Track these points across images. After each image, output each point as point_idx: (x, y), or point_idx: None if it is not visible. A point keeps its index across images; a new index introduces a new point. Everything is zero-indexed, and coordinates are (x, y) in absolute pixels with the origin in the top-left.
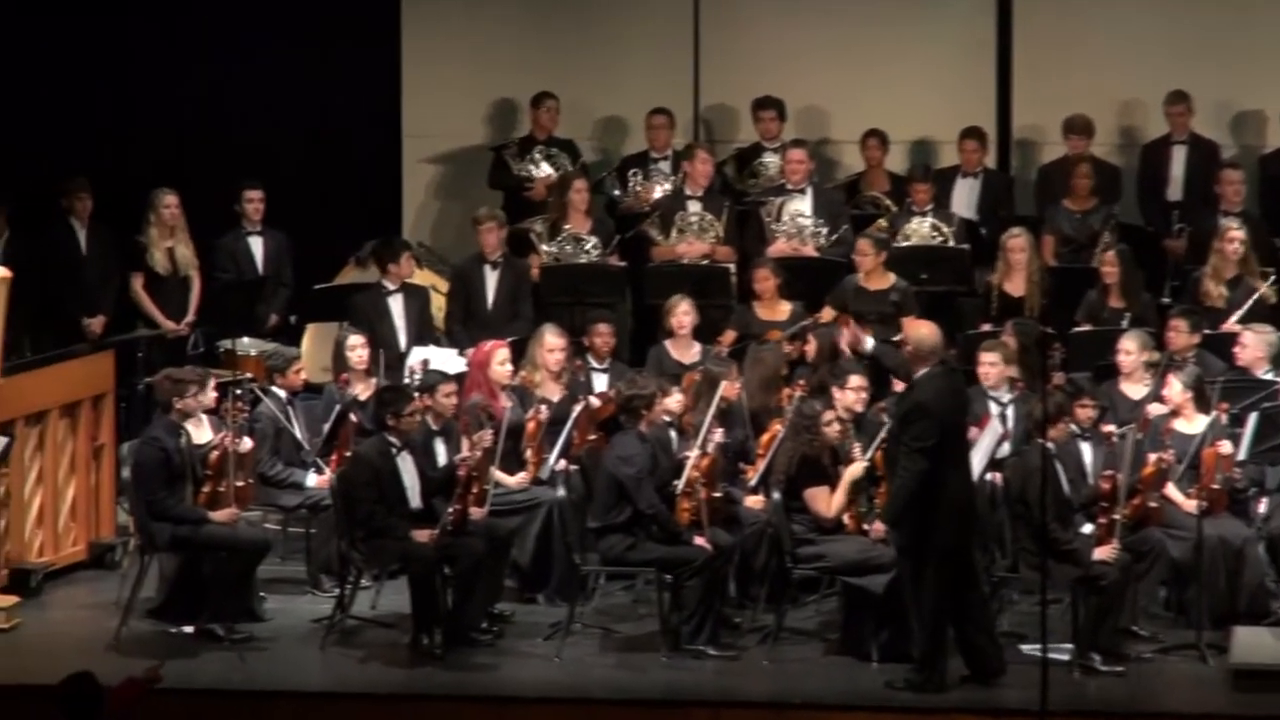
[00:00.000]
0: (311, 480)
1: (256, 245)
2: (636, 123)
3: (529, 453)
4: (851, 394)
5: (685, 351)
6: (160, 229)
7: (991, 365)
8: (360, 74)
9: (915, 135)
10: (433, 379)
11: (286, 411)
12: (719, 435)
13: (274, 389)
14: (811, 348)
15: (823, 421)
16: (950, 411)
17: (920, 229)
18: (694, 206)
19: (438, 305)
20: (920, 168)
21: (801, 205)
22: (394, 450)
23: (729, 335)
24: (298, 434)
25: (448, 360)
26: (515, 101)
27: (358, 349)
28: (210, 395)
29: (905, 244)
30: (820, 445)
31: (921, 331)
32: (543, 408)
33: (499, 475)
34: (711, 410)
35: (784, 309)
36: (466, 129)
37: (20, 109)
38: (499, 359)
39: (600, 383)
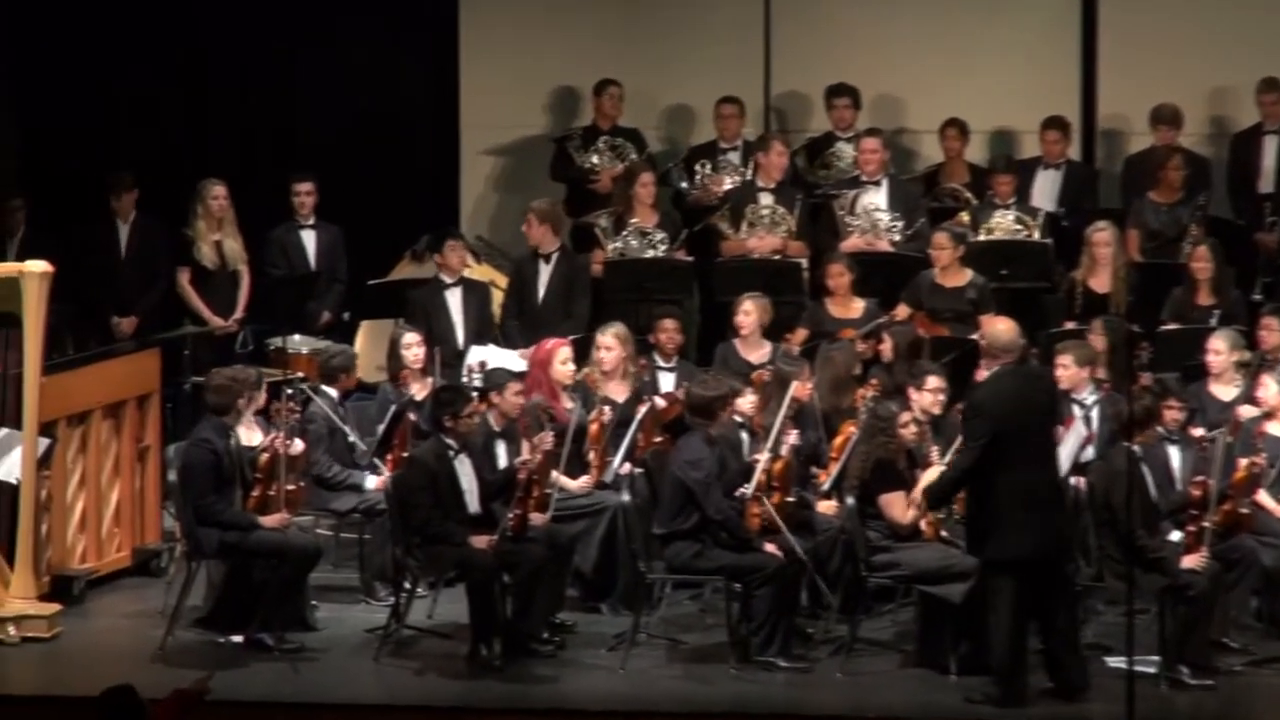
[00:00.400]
0: (371, 482)
1: (309, 239)
2: (704, 112)
3: (592, 456)
4: (929, 395)
5: (754, 350)
6: (208, 221)
7: (1065, 367)
8: (417, 61)
9: (995, 125)
10: (500, 377)
11: (339, 412)
12: (793, 437)
13: (325, 389)
14: (887, 346)
15: (899, 423)
16: (1016, 412)
17: (1004, 222)
18: (766, 199)
19: (499, 302)
20: (1002, 159)
21: (876, 198)
22: (451, 453)
23: (800, 333)
24: (351, 434)
25: (507, 360)
26: (577, 90)
27: (413, 347)
28: (261, 396)
29: (985, 238)
30: (896, 448)
31: (997, 328)
32: (606, 409)
33: (561, 479)
34: (783, 411)
35: (857, 306)
36: (527, 119)
37: (67, 99)
38: (560, 358)
39: (667, 382)
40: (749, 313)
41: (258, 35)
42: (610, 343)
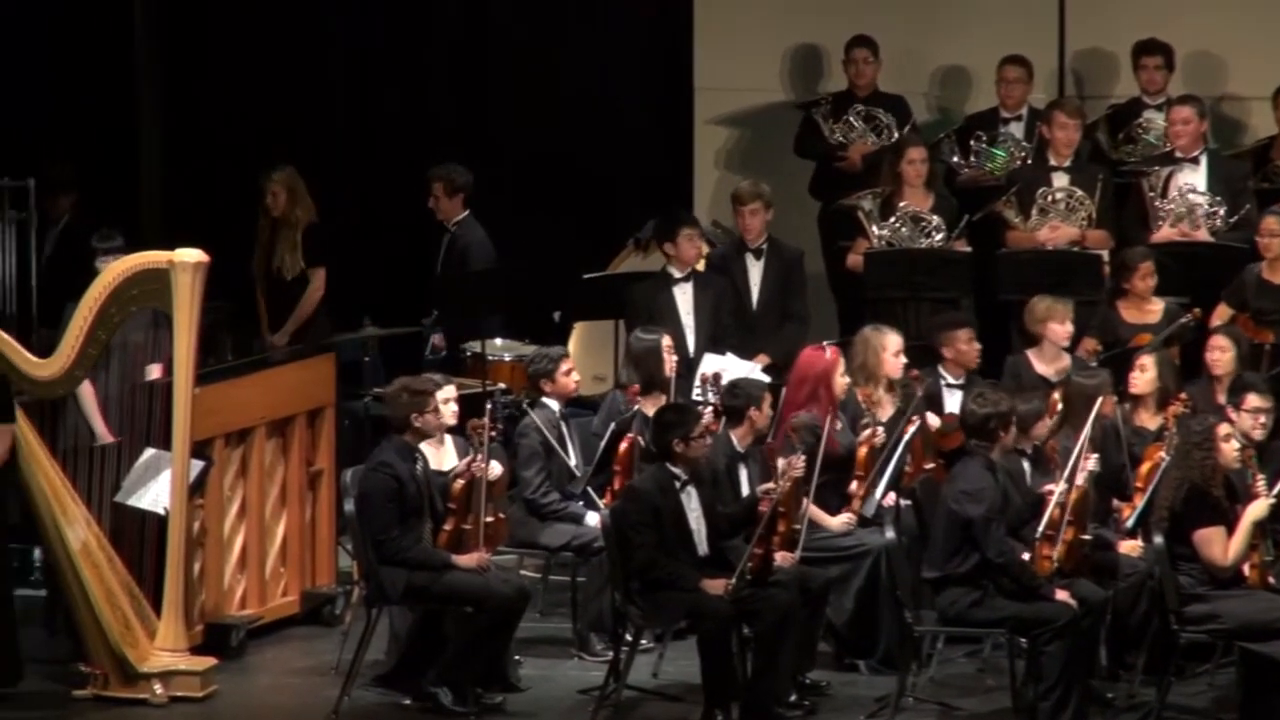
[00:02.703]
0: (593, 519)
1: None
2: (984, 74)
3: (855, 485)
4: (1249, 417)
5: (1053, 363)
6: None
7: None
8: (637, 16)
9: None
10: (755, 388)
11: (560, 427)
12: (1092, 463)
13: (546, 400)
14: (1223, 356)
15: (1218, 436)
16: None
17: None
18: (1060, 180)
19: None
20: None
21: (1193, 178)
22: (678, 484)
23: (1090, 343)
24: (571, 457)
25: (746, 372)
26: (822, 49)
27: (673, 351)
28: (452, 410)
29: None
30: (1214, 469)
31: None
32: (879, 430)
33: (816, 513)
34: (1085, 433)
35: (1155, 308)
36: (770, 82)
37: (237, 88)
38: (842, 369)
39: (954, 402)
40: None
41: None
42: (898, 347)
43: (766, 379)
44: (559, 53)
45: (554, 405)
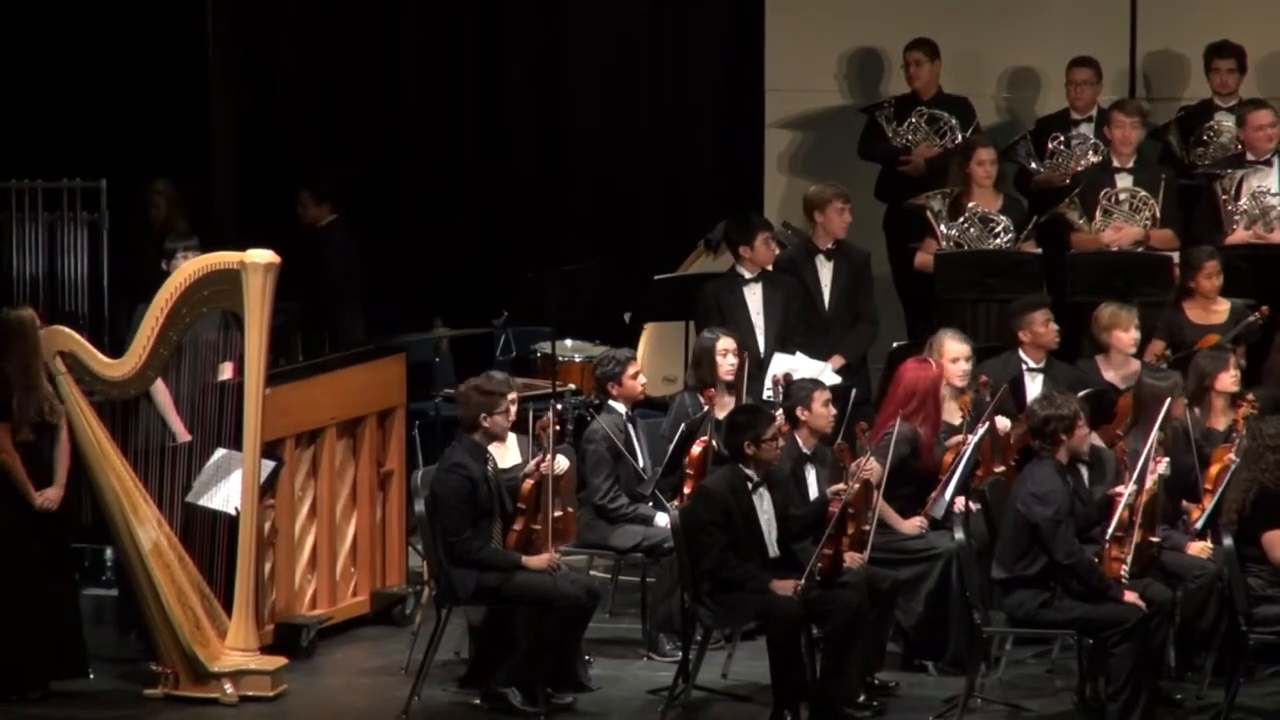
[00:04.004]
0: (663, 520)
1: None
2: (1053, 76)
3: (935, 491)
4: None
5: (1120, 369)
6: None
7: None
8: (710, 19)
9: None
10: (804, 387)
11: (627, 430)
12: (1162, 466)
13: (613, 403)
14: None
15: None
16: None
17: None
18: (1123, 181)
19: None
20: None
21: (1268, 181)
22: (750, 485)
23: (1157, 345)
24: (639, 459)
25: (816, 372)
26: (882, 53)
27: (729, 355)
28: (512, 410)
29: None
30: None
31: None
32: (969, 438)
33: (889, 515)
34: (1153, 435)
35: (1221, 309)
36: (832, 84)
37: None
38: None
39: (1035, 388)
40: (1129, 328)
41: None
42: (965, 351)
43: (837, 379)
44: (636, 58)
45: (621, 408)
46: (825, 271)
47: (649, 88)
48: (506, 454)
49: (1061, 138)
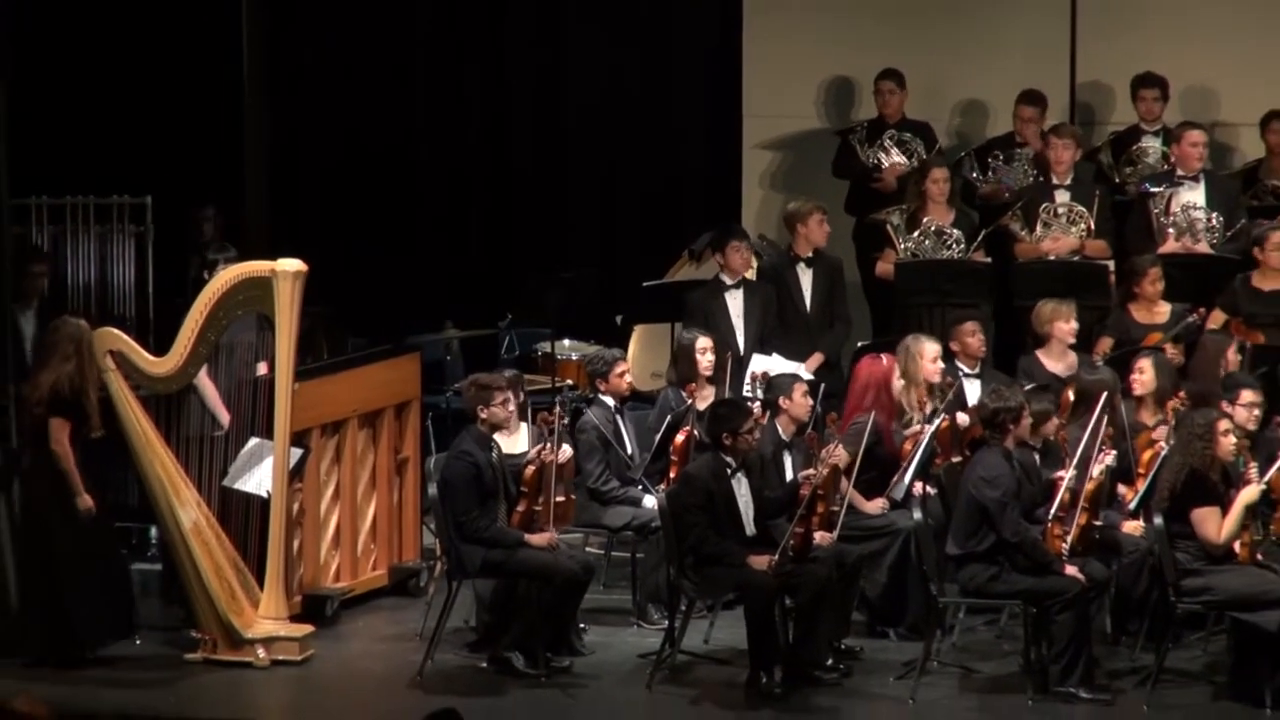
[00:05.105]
0: (650, 501)
1: None
2: (1001, 107)
3: (896, 476)
4: (1243, 410)
5: (1061, 360)
6: None
7: None
8: (695, 49)
9: None
10: (785, 380)
11: (616, 422)
12: (1110, 458)
13: (602, 397)
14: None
15: (1218, 430)
16: None
17: None
18: (1061, 197)
19: None
20: None
21: (1193, 196)
22: (729, 471)
23: (1105, 342)
24: (627, 448)
25: (791, 371)
26: (854, 81)
27: (707, 352)
28: (512, 402)
29: None
30: (1213, 459)
31: None
32: (928, 427)
33: (856, 499)
34: (1090, 427)
35: (1162, 310)
36: (807, 109)
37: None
38: (897, 375)
39: (974, 391)
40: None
41: (534, 24)
42: (935, 354)
43: (809, 377)
44: (627, 85)
45: (609, 402)
46: (806, 278)
47: (639, 112)
48: (516, 442)
49: (1001, 155)
